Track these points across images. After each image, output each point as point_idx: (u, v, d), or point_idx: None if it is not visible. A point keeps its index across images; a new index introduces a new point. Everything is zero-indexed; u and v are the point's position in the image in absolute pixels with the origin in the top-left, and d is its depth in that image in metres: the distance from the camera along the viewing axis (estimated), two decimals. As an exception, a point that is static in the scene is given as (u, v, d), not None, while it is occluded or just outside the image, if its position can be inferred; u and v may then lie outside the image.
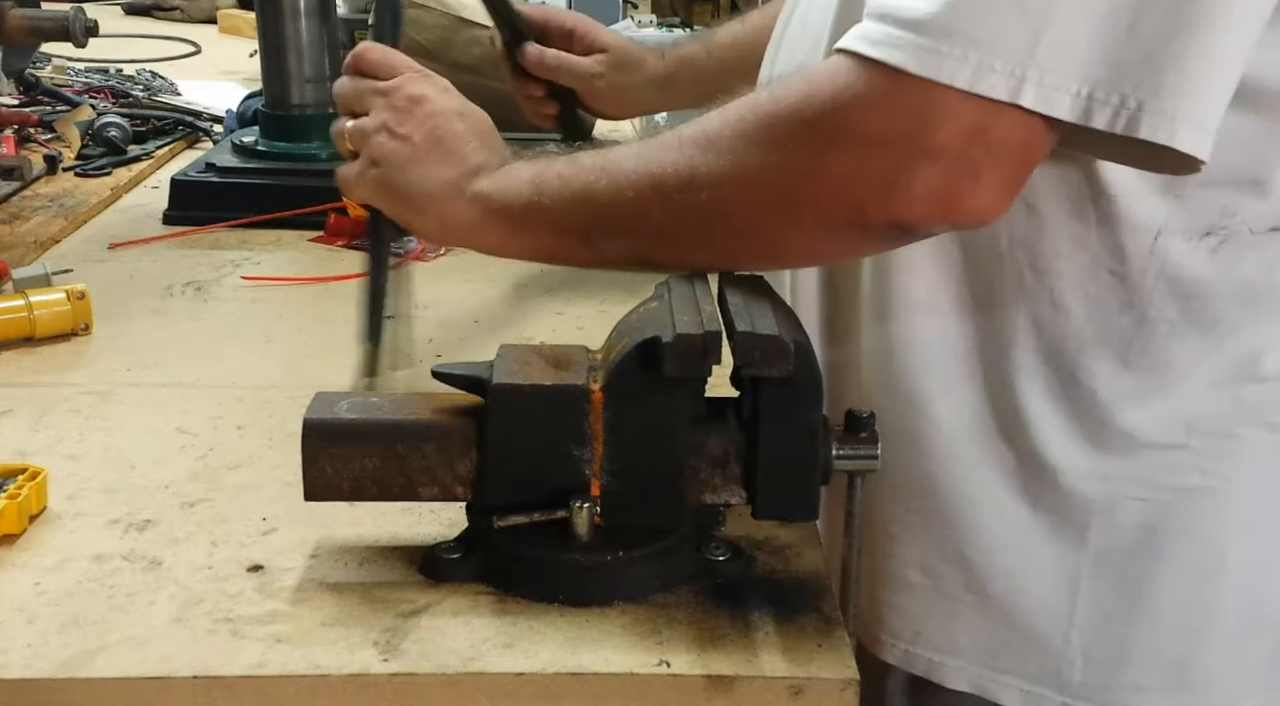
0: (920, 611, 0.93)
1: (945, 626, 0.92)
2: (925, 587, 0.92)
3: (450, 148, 0.87)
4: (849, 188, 0.73)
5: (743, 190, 0.76)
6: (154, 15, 2.90)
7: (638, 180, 0.79)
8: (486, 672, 0.67)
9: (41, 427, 0.95)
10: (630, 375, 0.72)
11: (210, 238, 1.39)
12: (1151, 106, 0.68)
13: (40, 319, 1.09)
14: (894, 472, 0.90)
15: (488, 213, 0.84)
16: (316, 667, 0.67)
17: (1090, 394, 0.85)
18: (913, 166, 0.71)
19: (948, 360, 0.88)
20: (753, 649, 0.69)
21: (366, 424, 0.74)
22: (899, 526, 0.92)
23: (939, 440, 0.89)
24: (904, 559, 0.93)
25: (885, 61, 0.70)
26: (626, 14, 2.79)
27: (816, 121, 0.73)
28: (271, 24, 1.47)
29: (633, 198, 0.79)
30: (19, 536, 0.79)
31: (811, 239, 0.78)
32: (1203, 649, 0.88)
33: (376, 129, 0.89)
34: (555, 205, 0.82)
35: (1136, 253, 0.82)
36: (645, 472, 0.73)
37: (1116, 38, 0.68)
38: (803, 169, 0.74)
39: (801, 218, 0.76)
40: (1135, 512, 0.87)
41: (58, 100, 1.89)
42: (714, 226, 0.78)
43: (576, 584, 0.73)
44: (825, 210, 0.75)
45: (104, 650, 0.68)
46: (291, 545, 0.79)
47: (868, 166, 0.72)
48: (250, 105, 1.71)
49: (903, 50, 0.69)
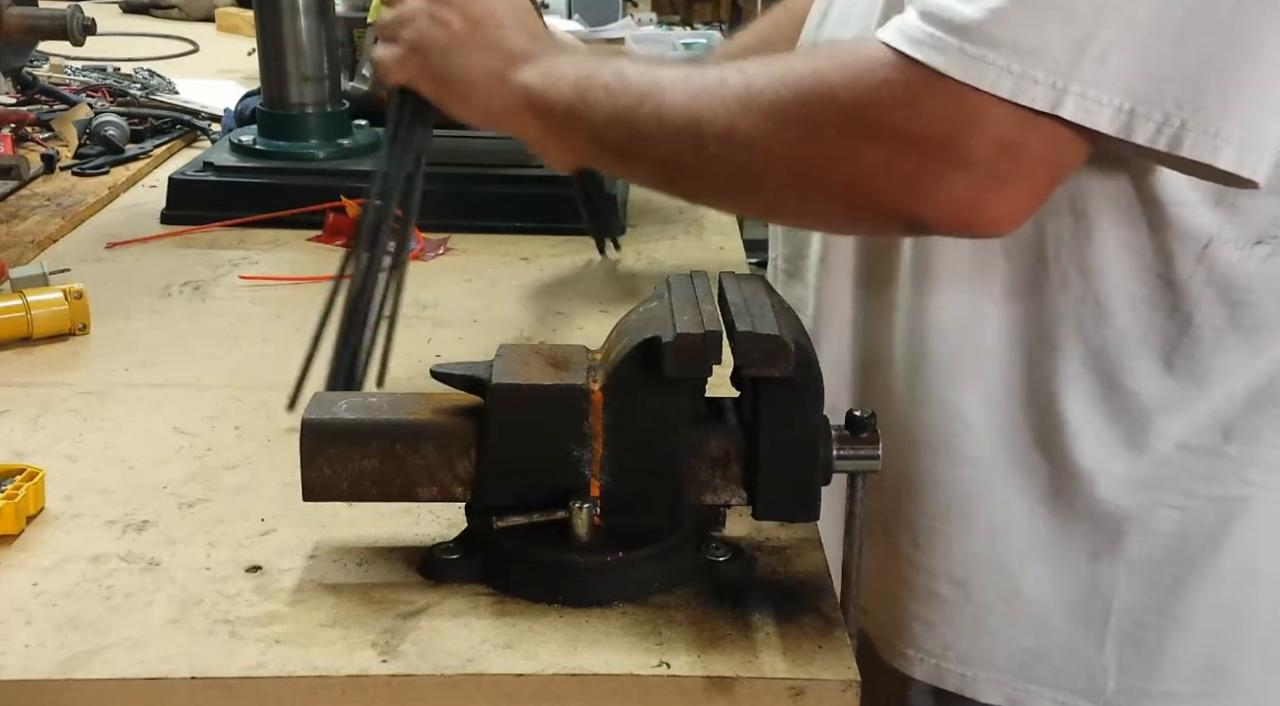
0: (950, 624, 0.91)
1: (976, 638, 0.91)
2: (956, 599, 0.91)
3: (489, 33, 0.88)
4: (876, 180, 0.74)
5: (774, 161, 0.77)
6: (152, 13, 2.89)
7: (679, 119, 0.79)
8: (486, 673, 0.67)
9: (39, 428, 0.94)
10: (630, 375, 0.71)
11: (208, 237, 1.39)
12: (1194, 124, 0.68)
13: (38, 318, 1.09)
14: (925, 482, 0.89)
15: (529, 107, 0.86)
16: (315, 669, 0.67)
17: (1132, 398, 0.84)
18: (941, 171, 0.71)
19: (985, 366, 0.87)
20: (753, 650, 0.69)
21: (365, 424, 0.74)
22: (929, 537, 0.91)
23: (974, 447, 0.88)
24: (934, 570, 0.91)
25: (928, 63, 0.70)
26: (626, 12, 2.78)
27: (855, 111, 0.73)
28: (270, 22, 1.47)
29: (672, 134, 0.80)
30: (16, 537, 0.79)
31: (831, 216, 0.80)
32: (1237, 656, 0.88)
33: (413, 16, 0.90)
34: (596, 117, 0.83)
35: (1185, 258, 0.81)
36: (645, 473, 0.73)
37: (1162, 53, 0.68)
38: (834, 154, 0.75)
39: (826, 198, 0.77)
40: (1171, 521, 0.86)
41: (55, 99, 1.89)
42: (742, 183, 0.80)
43: (576, 584, 0.73)
44: (849, 196, 0.76)
45: (102, 651, 0.68)
46: (290, 546, 0.78)
47: (897, 164, 0.72)
48: (248, 104, 1.70)
49: (946, 54, 0.69)
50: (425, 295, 1.21)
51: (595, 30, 2.46)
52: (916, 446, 0.89)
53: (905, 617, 0.93)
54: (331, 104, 1.52)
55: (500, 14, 0.89)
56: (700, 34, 2.26)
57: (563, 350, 0.77)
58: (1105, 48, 0.68)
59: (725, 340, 0.70)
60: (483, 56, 0.88)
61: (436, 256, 1.33)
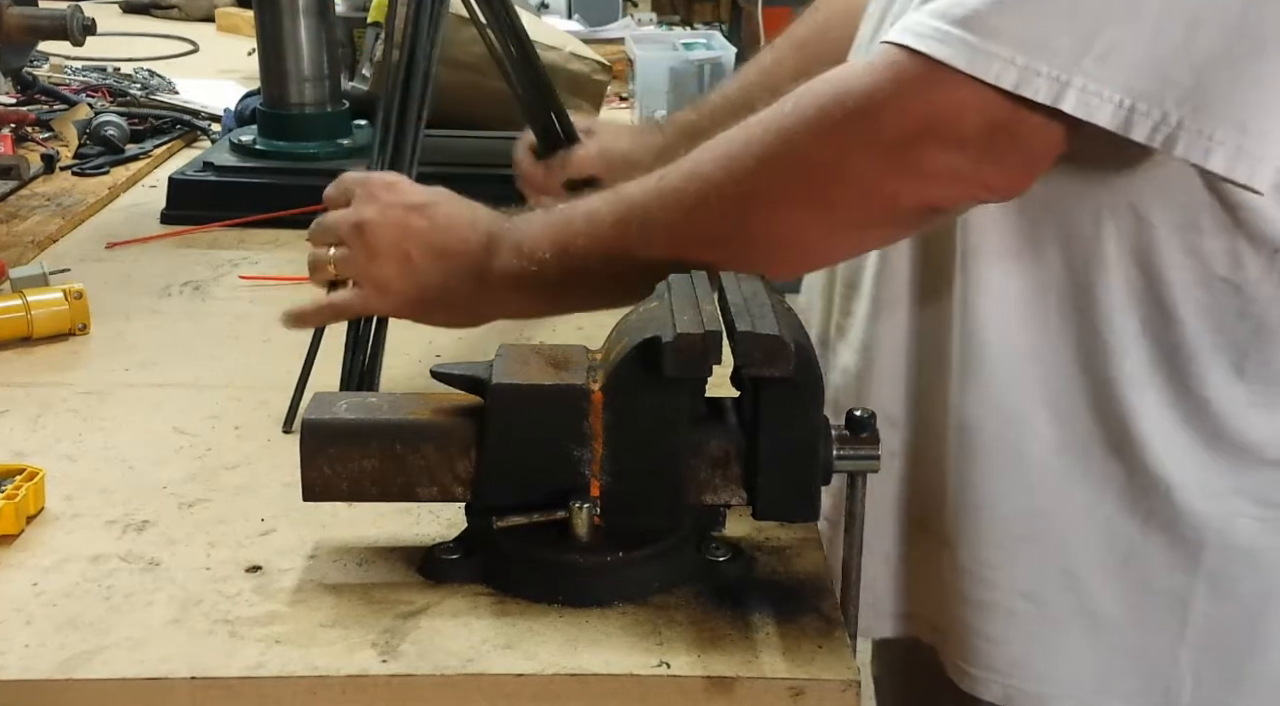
0: (1022, 641, 0.88)
1: (1049, 655, 0.88)
2: (1028, 615, 0.88)
3: (443, 244, 0.86)
4: (878, 182, 0.74)
5: (772, 209, 0.77)
6: (152, 13, 2.89)
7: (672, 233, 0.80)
8: (486, 673, 0.67)
9: (39, 428, 0.94)
10: (630, 375, 0.71)
11: (208, 237, 1.39)
12: (1191, 125, 0.68)
13: (38, 318, 1.09)
14: (993, 497, 0.87)
15: (518, 289, 0.84)
16: (315, 669, 0.67)
17: (1205, 404, 0.83)
18: (940, 155, 0.72)
19: (1051, 374, 0.85)
20: (753, 650, 0.69)
21: (365, 424, 0.74)
22: (998, 553, 0.88)
23: (1044, 459, 0.86)
24: (1004, 587, 0.88)
25: (931, 55, 0.70)
26: (626, 12, 2.78)
27: (847, 118, 0.74)
28: (270, 22, 1.47)
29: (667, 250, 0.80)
30: (16, 537, 0.79)
31: (843, 235, 0.80)
32: None
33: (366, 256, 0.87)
34: (591, 265, 0.82)
35: (1254, 261, 0.80)
36: (645, 473, 0.73)
37: (1165, 53, 0.68)
38: (832, 172, 0.75)
39: (834, 217, 0.77)
40: (1249, 531, 0.84)
41: (55, 99, 1.89)
42: (752, 250, 0.79)
43: (576, 584, 0.73)
44: (857, 207, 0.76)
45: (102, 651, 0.68)
46: (290, 546, 0.78)
47: (896, 159, 0.73)
48: (248, 104, 1.70)
49: (950, 46, 0.70)
50: (425, 295, 1.20)
51: (595, 30, 2.46)
52: (979, 456, 0.87)
53: (969, 635, 0.90)
54: (331, 104, 1.52)
55: (442, 218, 0.87)
56: (700, 34, 2.26)
57: (563, 350, 0.76)
58: (1109, 43, 0.68)
59: (725, 340, 0.70)
60: (452, 267, 0.85)
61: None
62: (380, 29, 1.68)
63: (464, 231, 0.86)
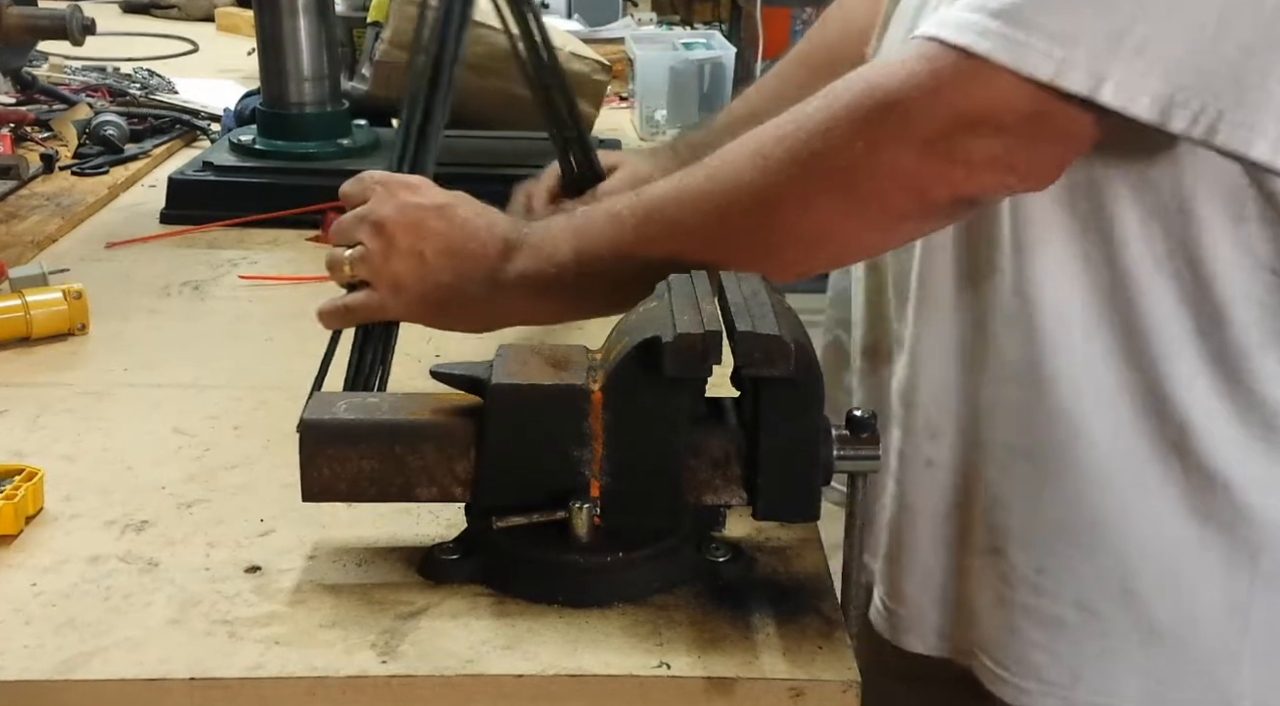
0: (1077, 653, 0.87)
1: (1106, 666, 0.86)
2: (1083, 626, 0.86)
3: (459, 246, 0.85)
4: (912, 175, 0.74)
5: (803, 205, 0.77)
6: (151, 13, 2.89)
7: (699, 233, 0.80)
8: (485, 674, 0.67)
9: (38, 428, 0.94)
10: (630, 375, 0.71)
11: (208, 237, 1.39)
12: (1231, 116, 0.69)
13: (37, 318, 1.09)
14: (1046, 503, 0.85)
15: (535, 292, 0.83)
16: (314, 669, 0.67)
17: (1261, 401, 0.82)
18: (975, 146, 0.73)
19: (1101, 375, 0.84)
20: (753, 650, 0.69)
21: (365, 424, 0.73)
22: (1052, 560, 0.86)
23: (1098, 462, 0.84)
24: (1058, 596, 0.86)
25: (968, 48, 0.71)
26: (626, 12, 2.78)
27: (879, 112, 0.74)
28: (270, 21, 1.47)
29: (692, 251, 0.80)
30: (15, 537, 0.78)
31: (875, 231, 0.80)
32: None
33: (382, 255, 0.86)
34: (611, 267, 0.81)
35: None
36: (645, 473, 0.73)
37: (1202, 45, 0.69)
38: (864, 166, 0.75)
39: (867, 212, 0.77)
40: None
41: (54, 98, 1.89)
42: (783, 247, 0.80)
43: (576, 585, 0.73)
44: (889, 201, 0.76)
45: (101, 652, 0.68)
46: (289, 546, 0.78)
47: (931, 151, 0.73)
48: (248, 103, 1.70)
49: (988, 38, 0.71)
50: (425, 295, 1.20)
51: (595, 30, 2.46)
52: (1035, 464, 0.86)
53: (1025, 647, 0.88)
54: (331, 104, 1.52)
55: (463, 220, 0.86)
56: (700, 34, 2.26)
57: (563, 350, 0.76)
58: (1146, 35, 0.69)
59: (725, 340, 0.70)
60: (467, 269, 0.84)
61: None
62: (380, 28, 1.68)
63: (481, 234, 0.85)
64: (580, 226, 0.84)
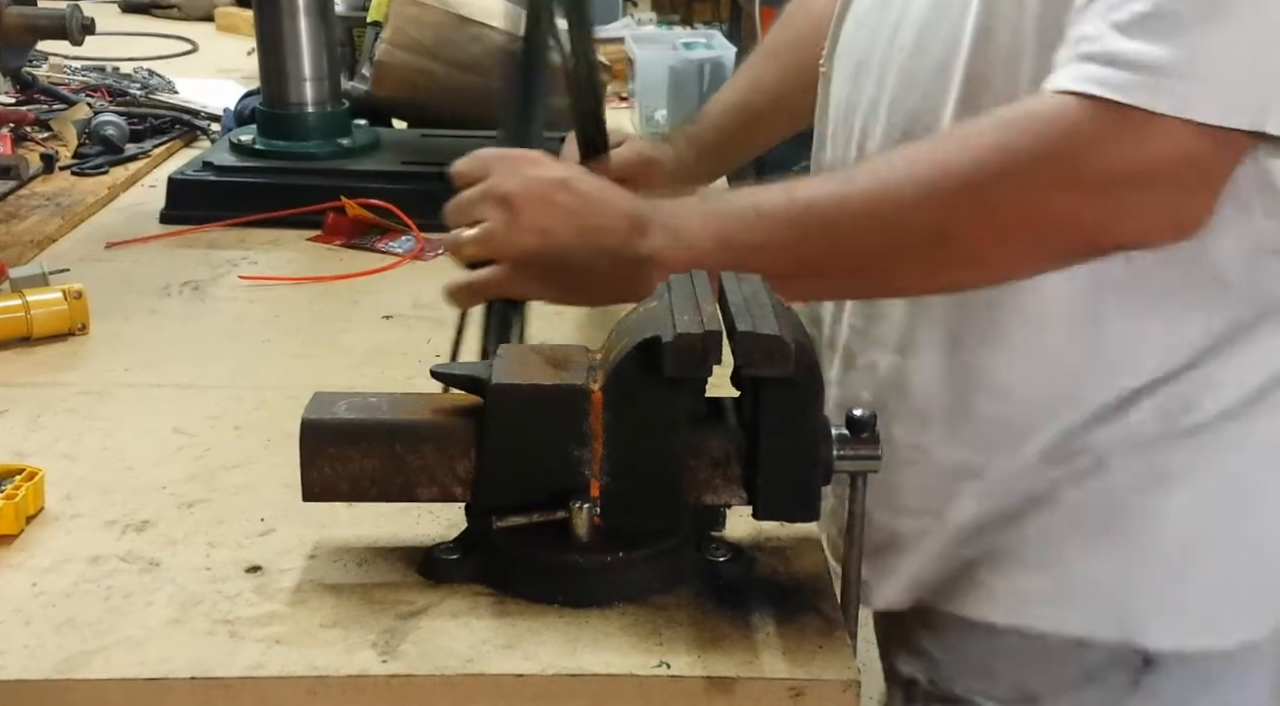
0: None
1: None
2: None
3: (586, 221, 0.84)
4: (1078, 222, 0.77)
5: (974, 241, 0.79)
6: (151, 13, 2.89)
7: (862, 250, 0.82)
8: (486, 674, 0.67)
9: (38, 428, 0.94)
10: (630, 375, 0.71)
11: (208, 237, 1.39)
12: None
13: (37, 318, 1.09)
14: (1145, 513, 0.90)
15: (669, 273, 0.82)
16: (315, 669, 0.67)
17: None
18: (1140, 197, 0.76)
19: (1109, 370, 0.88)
20: (753, 650, 0.69)
21: (365, 424, 0.74)
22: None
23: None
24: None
25: (1136, 105, 0.73)
26: (626, 12, 2.78)
27: (1050, 162, 0.76)
28: (270, 22, 1.47)
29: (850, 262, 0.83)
30: (16, 537, 0.78)
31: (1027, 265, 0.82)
32: None
33: (506, 230, 0.85)
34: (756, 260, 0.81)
35: None
36: (645, 473, 0.73)
37: None
38: (1030, 205, 0.77)
39: (1023, 250, 0.80)
40: None
41: (54, 98, 1.89)
42: (938, 272, 0.82)
43: (576, 585, 0.73)
44: (1054, 244, 0.79)
45: (101, 651, 0.68)
46: (290, 546, 0.78)
47: (1099, 202, 0.76)
48: (248, 103, 1.70)
49: (1148, 92, 0.73)
50: (425, 295, 1.20)
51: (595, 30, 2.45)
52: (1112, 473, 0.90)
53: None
54: (331, 104, 1.52)
55: (585, 191, 0.85)
56: (700, 34, 2.26)
57: (563, 350, 0.76)
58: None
59: (725, 340, 0.70)
60: (596, 245, 0.84)
61: (436, 256, 1.32)
62: (380, 28, 1.68)
63: (607, 210, 0.85)
64: (723, 215, 0.84)
